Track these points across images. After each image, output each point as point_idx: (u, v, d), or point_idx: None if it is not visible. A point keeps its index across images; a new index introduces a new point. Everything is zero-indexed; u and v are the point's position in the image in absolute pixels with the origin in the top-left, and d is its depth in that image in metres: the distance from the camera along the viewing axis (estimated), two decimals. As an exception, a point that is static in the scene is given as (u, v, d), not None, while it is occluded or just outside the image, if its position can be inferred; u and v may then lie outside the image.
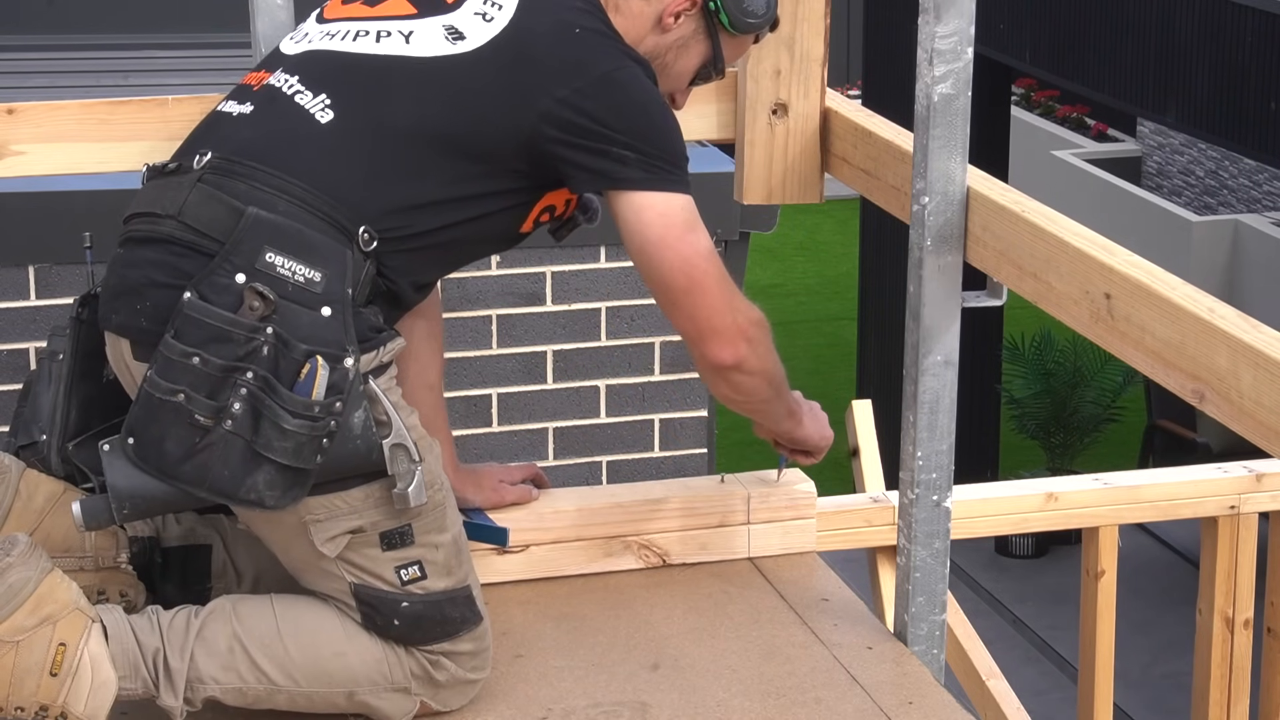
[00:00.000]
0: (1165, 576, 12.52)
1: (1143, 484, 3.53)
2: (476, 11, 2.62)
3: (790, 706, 2.73)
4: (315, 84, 2.59)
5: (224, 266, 2.45)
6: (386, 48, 2.60)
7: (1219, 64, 11.16)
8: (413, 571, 2.57)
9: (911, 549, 2.88)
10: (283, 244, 2.46)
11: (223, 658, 2.56)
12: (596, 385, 5.17)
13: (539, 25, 2.62)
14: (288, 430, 2.43)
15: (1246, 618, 3.54)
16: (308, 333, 2.45)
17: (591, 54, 2.62)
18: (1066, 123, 19.54)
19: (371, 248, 2.54)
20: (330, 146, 2.54)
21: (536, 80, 2.58)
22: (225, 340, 2.43)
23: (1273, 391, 2.15)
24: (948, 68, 2.70)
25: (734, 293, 2.73)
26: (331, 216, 2.51)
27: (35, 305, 4.71)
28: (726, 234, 5.26)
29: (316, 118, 2.56)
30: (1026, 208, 2.65)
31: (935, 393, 2.82)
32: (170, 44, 7.17)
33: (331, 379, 2.45)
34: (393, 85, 2.58)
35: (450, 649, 2.62)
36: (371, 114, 2.56)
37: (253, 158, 2.53)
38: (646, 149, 2.62)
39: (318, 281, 2.47)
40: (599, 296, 5.12)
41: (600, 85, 2.60)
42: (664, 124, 2.66)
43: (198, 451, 2.44)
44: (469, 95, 2.57)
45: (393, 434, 2.51)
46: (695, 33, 2.76)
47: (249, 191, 2.50)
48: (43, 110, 2.93)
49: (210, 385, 2.43)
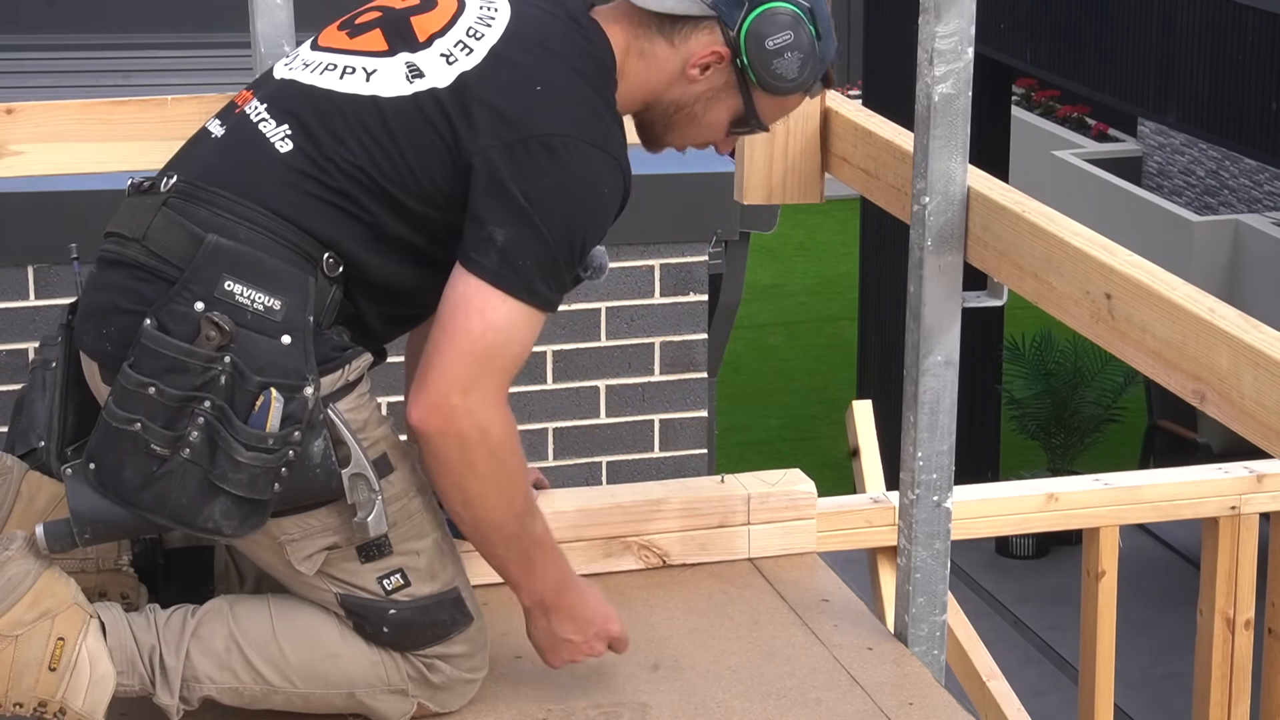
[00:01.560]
0: (1166, 577, 12.53)
1: (1143, 484, 3.53)
2: (443, 52, 2.54)
3: (790, 707, 2.73)
4: (281, 113, 2.56)
5: (183, 294, 2.44)
6: (348, 85, 2.55)
7: (1219, 64, 11.17)
8: (396, 580, 2.56)
9: (912, 549, 2.88)
10: (242, 272, 2.44)
11: (219, 657, 2.56)
12: (596, 385, 5.17)
13: (502, 74, 2.53)
14: (241, 462, 2.42)
15: (1247, 618, 3.53)
16: (266, 362, 2.43)
17: (539, 112, 2.51)
18: (1067, 123, 19.54)
19: (338, 273, 2.51)
20: (288, 177, 2.51)
21: (473, 132, 2.49)
22: (182, 370, 2.42)
23: (1273, 391, 2.15)
24: (948, 68, 2.70)
25: (483, 378, 2.48)
26: (295, 244, 2.49)
27: (35, 305, 4.71)
28: (727, 234, 5.26)
29: (276, 147, 2.53)
30: (1027, 208, 2.65)
31: (935, 393, 2.82)
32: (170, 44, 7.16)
33: (290, 409, 2.43)
34: (346, 123, 2.52)
35: (444, 652, 2.61)
36: (325, 150, 2.52)
37: (216, 183, 2.51)
38: (541, 234, 2.48)
39: (277, 310, 2.44)
40: (599, 296, 5.12)
41: (528, 146, 2.49)
42: (580, 213, 2.52)
43: (155, 479, 2.43)
44: (412, 139, 2.51)
45: (352, 463, 2.49)
46: (726, 86, 2.66)
47: (210, 218, 2.48)
48: (42, 110, 2.93)
49: (167, 415, 2.42)
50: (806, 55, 2.64)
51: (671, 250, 5.13)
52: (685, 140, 2.75)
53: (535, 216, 2.47)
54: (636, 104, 2.69)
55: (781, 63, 2.63)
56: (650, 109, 2.70)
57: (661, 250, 5.12)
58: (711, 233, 5.19)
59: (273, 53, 2.93)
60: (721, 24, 2.62)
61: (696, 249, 5.17)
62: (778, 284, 19.29)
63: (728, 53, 2.63)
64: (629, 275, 5.04)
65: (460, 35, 2.56)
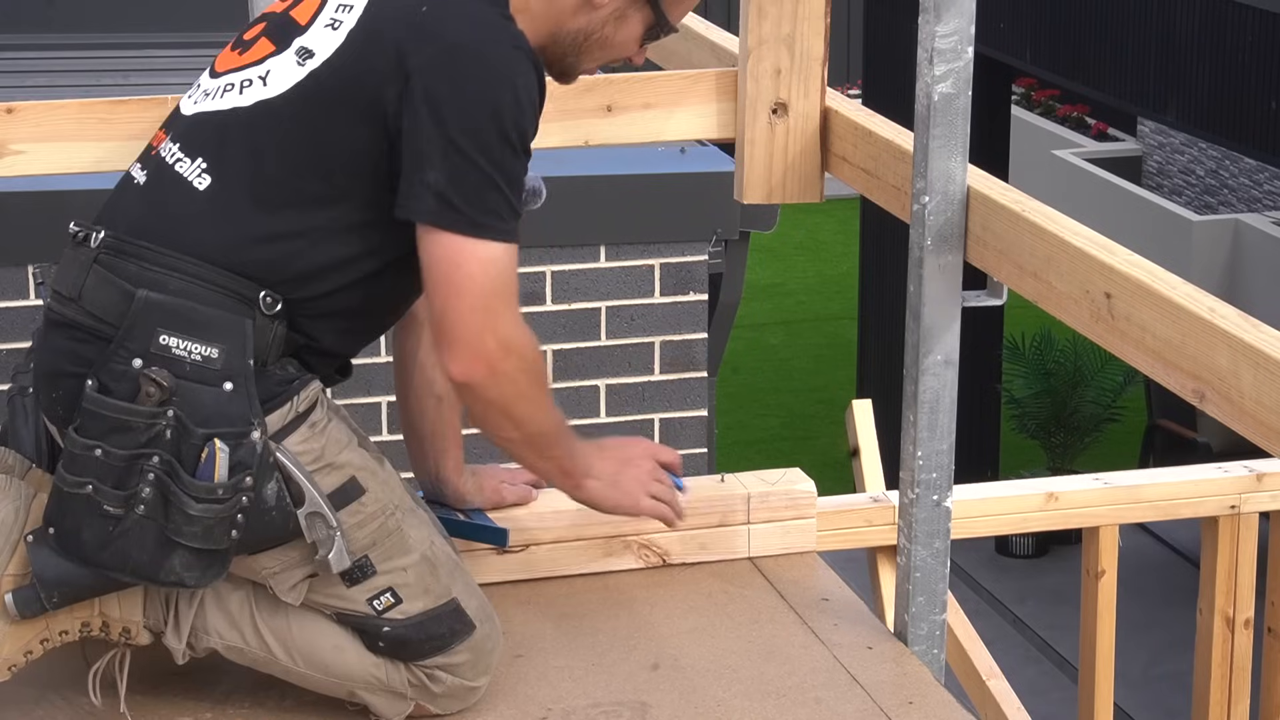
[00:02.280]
0: (1165, 576, 12.53)
1: (1143, 484, 3.53)
2: (327, 23, 2.51)
3: (790, 706, 2.73)
4: (193, 149, 2.53)
5: (119, 353, 2.43)
6: (249, 97, 2.52)
7: (1219, 63, 11.16)
8: (386, 599, 2.56)
9: (912, 549, 2.88)
10: (175, 324, 2.43)
11: (231, 616, 2.57)
12: (596, 385, 5.17)
13: (385, 12, 2.49)
14: (194, 515, 2.42)
15: (1247, 617, 3.53)
16: (210, 412, 2.42)
17: (430, 29, 2.45)
18: (1066, 122, 19.54)
19: (276, 310, 2.49)
20: (212, 215, 2.48)
21: (374, 76, 2.45)
22: (126, 430, 2.41)
23: (1273, 391, 2.15)
24: (948, 67, 2.70)
25: (499, 313, 2.49)
26: (227, 288, 2.46)
27: (35, 305, 4.72)
28: (727, 234, 5.26)
29: (195, 185, 2.50)
30: (1027, 207, 2.65)
31: (935, 392, 2.82)
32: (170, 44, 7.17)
33: (238, 455, 2.43)
34: (257, 135, 2.49)
35: (446, 662, 2.61)
36: (245, 174, 2.49)
37: (142, 236, 2.49)
38: (469, 158, 2.43)
39: (215, 358, 2.43)
40: (599, 296, 5.12)
41: (428, 69, 2.43)
42: (500, 115, 2.44)
43: (114, 539, 2.44)
44: (323, 117, 2.47)
45: (307, 502, 2.48)
46: (630, 2, 2.64)
47: (139, 273, 2.46)
48: (42, 109, 2.93)
49: (116, 475, 2.42)
50: None
51: (671, 250, 5.14)
52: (599, 62, 2.72)
53: (457, 139, 2.43)
54: (542, 36, 2.63)
55: None
56: (557, 41, 2.65)
57: (661, 250, 5.12)
58: (711, 232, 5.19)
59: (273, 52, 2.92)
60: None
61: (696, 249, 5.17)
62: (778, 283, 19.28)
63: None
64: (629, 275, 5.04)
65: (339, 1, 2.54)
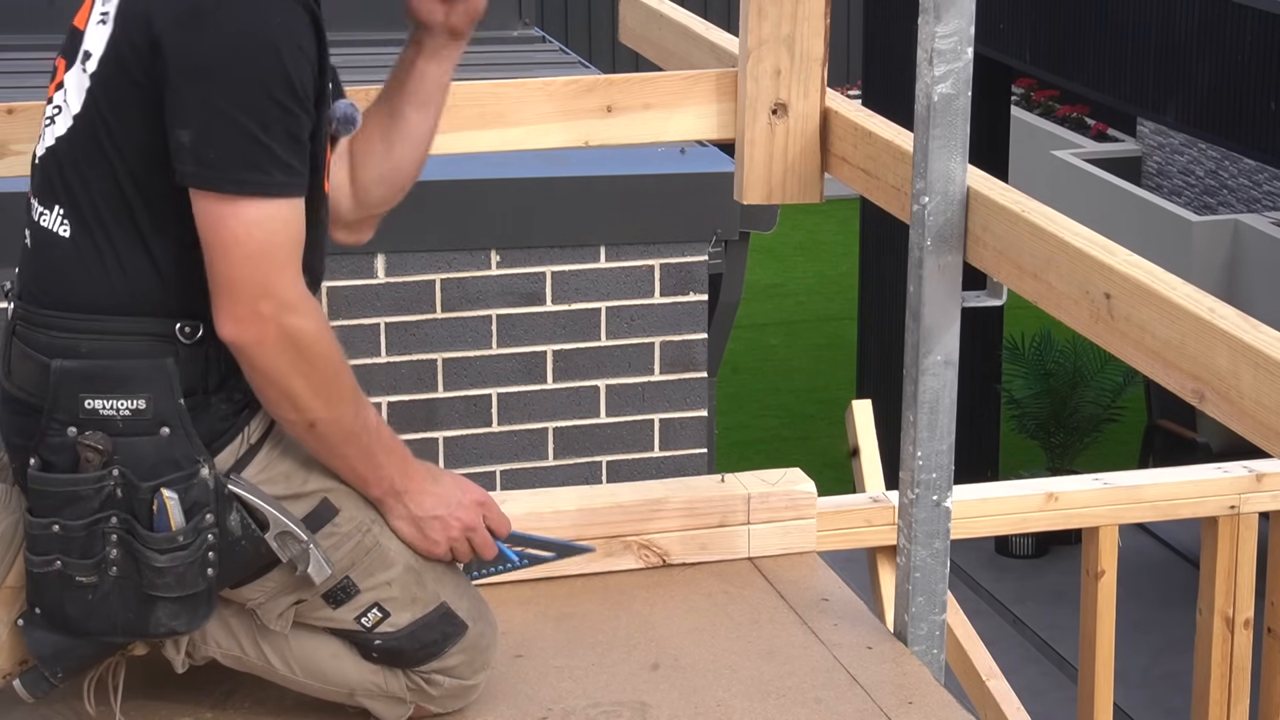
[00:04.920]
0: (1165, 576, 12.53)
1: (1143, 484, 3.53)
2: (98, 21, 2.42)
3: (790, 706, 2.73)
4: (46, 198, 2.45)
5: (53, 425, 2.40)
6: (60, 125, 2.44)
7: (1219, 63, 11.17)
8: (374, 615, 2.54)
9: (911, 549, 2.88)
10: (95, 386, 2.39)
11: (230, 626, 2.57)
12: (596, 385, 5.17)
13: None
14: (162, 568, 2.40)
15: (1246, 618, 3.53)
16: (154, 461, 2.39)
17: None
18: (1066, 123, 19.54)
19: (199, 336, 2.42)
20: (86, 263, 2.41)
21: (141, 51, 2.34)
22: (76, 500, 2.39)
23: (1273, 391, 2.15)
24: (948, 68, 2.70)
25: (272, 274, 2.34)
26: (138, 333, 2.41)
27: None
28: (727, 234, 5.26)
29: (61, 235, 2.42)
30: (1026, 208, 2.65)
31: (935, 393, 2.82)
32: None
33: (192, 496, 2.40)
34: (80, 163, 2.40)
35: (441, 666, 2.60)
36: (89, 207, 2.40)
37: (38, 303, 2.44)
38: (225, 114, 2.30)
39: (144, 409, 2.39)
40: (599, 296, 5.12)
41: (180, 23, 2.32)
42: (261, 66, 2.31)
43: (96, 607, 2.43)
44: (120, 114, 2.37)
45: (273, 525, 2.45)
46: None
47: (49, 343, 2.42)
48: (42, 110, 2.92)
49: (80, 546, 2.40)
50: None
51: (671, 250, 5.14)
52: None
53: (211, 97, 2.31)
54: None
55: None
56: None
57: (661, 250, 5.12)
58: (711, 233, 5.19)
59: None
60: None
61: (696, 249, 5.17)
62: (778, 284, 19.29)
63: None
64: (629, 275, 5.04)
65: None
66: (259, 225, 2.34)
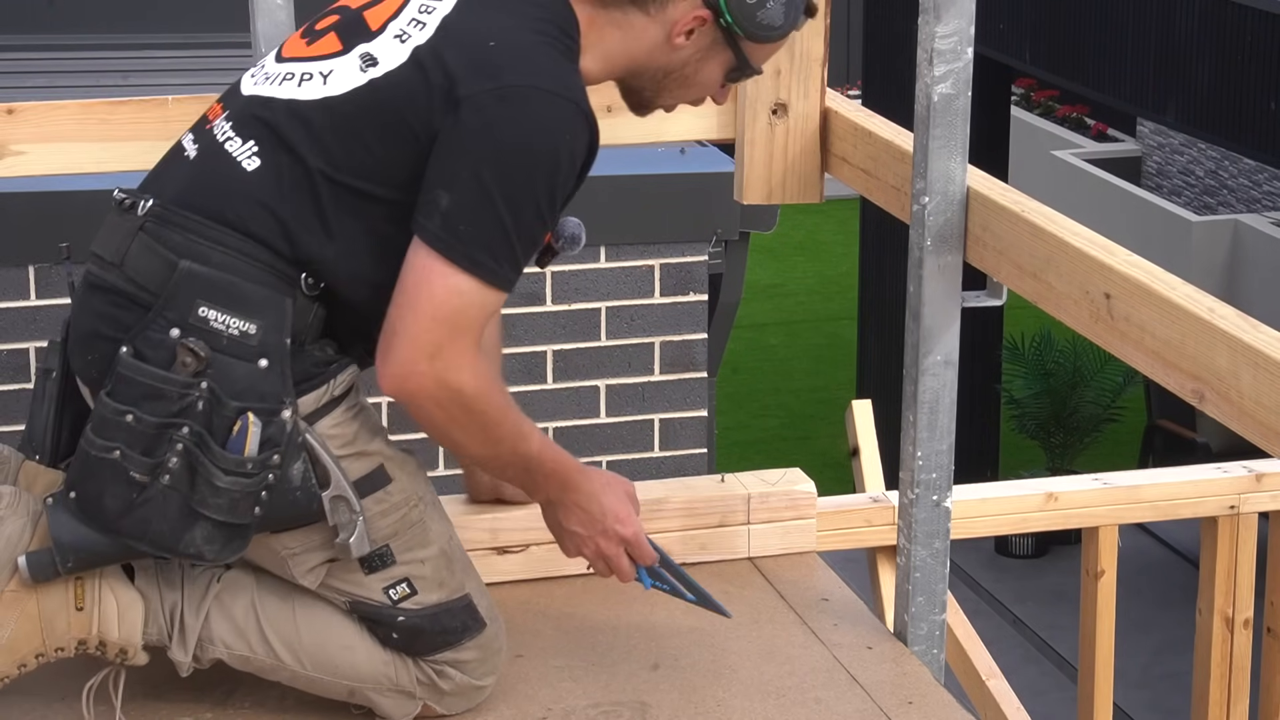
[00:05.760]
0: (1165, 576, 12.53)
1: (1143, 484, 3.53)
2: (396, 34, 2.51)
3: (790, 706, 2.73)
4: (245, 130, 2.53)
5: (158, 321, 2.43)
6: (306, 91, 2.52)
7: (1219, 64, 11.17)
8: (402, 589, 2.56)
9: (911, 549, 2.88)
10: (215, 297, 2.43)
11: (236, 624, 2.57)
12: (596, 385, 5.17)
13: (454, 38, 2.48)
14: (220, 487, 2.42)
15: (1246, 618, 3.53)
16: (243, 386, 2.43)
17: (493, 66, 2.45)
18: (1066, 123, 19.54)
19: (317, 292, 2.49)
20: (260, 196, 2.48)
21: (430, 100, 2.45)
22: (159, 397, 2.41)
23: (1273, 391, 2.15)
24: (948, 68, 2.70)
25: (446, 346, 2.43)
26: (271, 265, 2.47)
27: (35, 305, 4.72)
28: (727, 234, 5.26)
29: (244, 165, 2.50)
30: (1026, 208, 2.65)
31: (935, 393, 2.82)
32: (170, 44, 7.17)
33: (268, 433, 2.43)
34: (311, 130, 2.49)
35: (455, 658, 2.61)
36: (293, 164, 2.49)
37: (189, 207, 2.49)
38: (489, 197, 2.42)
39: (253, 334, 2.43)
40: (599, 296, 5.13)
41: (480, 101, 2.43)
42: (537, 168, 2.43)
43: (136, 507, 2.44)
44: (375, 127, 2.47)
45: (332, 485, 2.48)
46: (714, 43, 2.60)
47: (184, 243, 2.46)
48: (42, 110, 2.93)
49: (145, 442, 2.42)
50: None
51: (671, 250, 5.14)
52: (678, 100, 2.70)
53: (486, 177, 2.41)
54: (618, 71, 2.62)
55: (765, 12, 2.58)
56: (636, 76, 2.64)
57: (661, 250, 5.12)
58: (711, 233, 5.19)
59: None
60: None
61: (696, 249, 5.17)
62: (778, 284, 19.29)
63: (710, 14, 2.58)
64: (629, 275, 5.04)
65: (413, 14, 2.53)
66: (460, 296, 2.43)
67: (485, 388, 2.50)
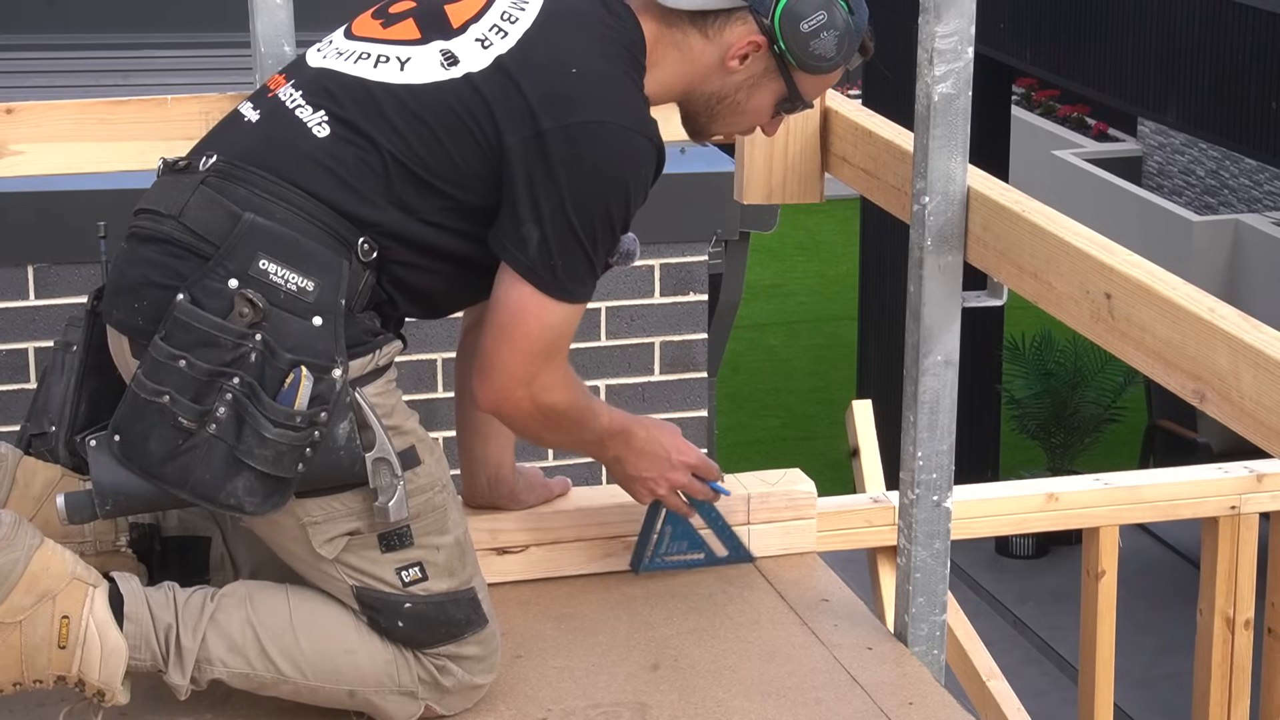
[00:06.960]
0: (1166, 577, 12.53)
1: (1143, 484, 3.53)
2: (478, 37, 2.58)
3: (790, 707, 2.73)
4: (316, 100, 2.58)
5: (217, 271, 2.46)
6: (382, 74, 2.57)
7: (1219, 64, 11.16)
8: (414, 573, 2.57)
9: (912, 549, 2.88)
10: (277, 251, 2.47)
11: (233, 642, 2.56)
12: (596, 385, 5.17)
13: (537, 57, 2.56)
14: (268, 439, 2.44)
15: (1247, 618, 3.53)
16: (297, 341, 2.46)
17: (574, 97, 2.53)
18: (1067, 122, 19.55)
19: (372, 258, 2.54)
20: (326, 161, 2.53)
21: (510, 116, 2.52)
22: (213, 345, 2.44)
23: (1273, 391, 2.15)
24: (948, 67, 2.70)
25: (540, 370, 2.62)
26: (330, 226, 2.51)
27: (35, 305, 4.71)
28: (727, 234, 5.26)
29: (315, 132, 2.55)
30: (1027, 207, 2.65)
31: (935, 393, 2.82)
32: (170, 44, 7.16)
33: (317, 389, 2.45)
34: (383, 111, 2.55)
35: (456, 652, 2.62)
36: (364, 137, 2.54)
37: (255, 163, 2.53)
38: (574, 230, 2.54)
39: (310, 290, 2.47)
40: (599, 296, 5.10)
41: (566, 134, 2.52)
42: (614, 200, 2.55)
43: (180, 453, 2.45)
44: (448, 124, 2.54)
45: (376, 447, 2.51)
46: (767, 71, 2.69)
47: (248, 197, 2.50)
48: (42, 110, 2.93)
49: (195, 389, 2.44)
50: (842, 32, 2.69)
51: (671, 250, 5.13)
52: (731, 128, 2.79)
53: (570, 210, 2.53)
54: (676, 94, 2.71)
55: (819, 43, 2.67)
56: (691, 99, 2.73)
57: (661, 250, 5.12)
58: (711, 233, 5.19)
59: (273, 53, 2.93)
60: (754, 13, 2.66)
61: (696, 249, 5.17)
62: (778, 284, 19.30)
63: (764, 41, 2.67)
64: (629, 275, 5.04)
65: (495, 20, 2.59)
66: (553, 329, 2.60)
67: (573, 398, 2.71)
